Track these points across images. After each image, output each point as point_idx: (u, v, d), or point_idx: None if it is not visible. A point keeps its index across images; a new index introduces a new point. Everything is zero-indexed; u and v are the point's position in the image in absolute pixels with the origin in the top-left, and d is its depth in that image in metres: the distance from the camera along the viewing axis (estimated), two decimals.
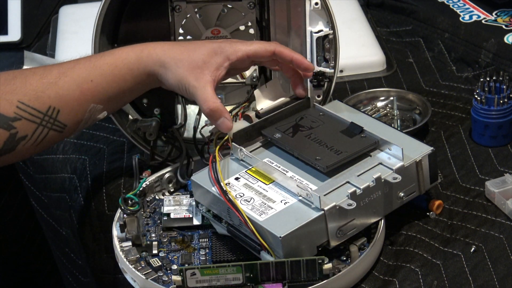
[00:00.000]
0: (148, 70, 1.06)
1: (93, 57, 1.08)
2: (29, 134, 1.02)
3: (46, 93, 1.03)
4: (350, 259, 1.01)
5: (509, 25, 1.41)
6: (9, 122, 1.01)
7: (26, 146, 1.03)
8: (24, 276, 1.61)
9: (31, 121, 1.02)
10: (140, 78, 1.07)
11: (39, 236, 1.49)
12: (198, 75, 1.05)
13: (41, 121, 1.03)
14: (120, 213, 1.07)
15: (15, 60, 1.48)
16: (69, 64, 1.06)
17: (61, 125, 1.04)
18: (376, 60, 1.40)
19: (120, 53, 1.07)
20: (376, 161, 1.04)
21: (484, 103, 1.17)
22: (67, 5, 1.61)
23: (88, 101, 1.05)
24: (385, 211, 1.03)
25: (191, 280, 0.97)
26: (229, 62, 1.06)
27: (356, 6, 1.53)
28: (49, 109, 1.03)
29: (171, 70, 1.06)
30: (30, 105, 1.02)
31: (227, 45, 1.07)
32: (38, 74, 1.04)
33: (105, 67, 1.06)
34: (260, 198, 1.01)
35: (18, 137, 1.01)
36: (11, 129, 1.01)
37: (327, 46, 1.14)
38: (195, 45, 1.08)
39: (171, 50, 1.07)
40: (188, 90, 1.05)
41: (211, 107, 1.04)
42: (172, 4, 1.18)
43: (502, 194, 1.08)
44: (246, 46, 1.07)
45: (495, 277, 0.99)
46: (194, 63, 1.05)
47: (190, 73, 1.05)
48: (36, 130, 1.03)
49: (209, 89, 1.04)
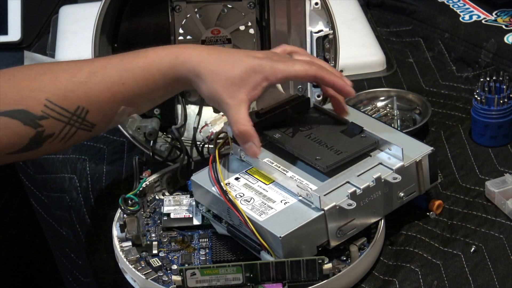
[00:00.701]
0: (182, 78, 1.03)
1: (125, 58, 1.04)
2: (56, 132, 1.01)
3: (75, 93, 1.00)
4: (350, 259, 1.01)
5: (509, 25, 1.41)
6: (36, 121, 0.99)
7: (53, 143, 1.01)
8: (24, 276, 1.61)
9: (58, 120, 1.00)
10: (172, 84, 1.04)
11: (39, 236, 1.49)
12: (233, 92, 1.01)
13: (69, 120, 1.01)
14: (120, 213, 1.07)
15: (15, 60, 1.48)
16: (100, 63, 1.03)
17: (90, 124, 1.02)
18: (376, 60, 1.40)
19: (153, 57, 1.03)
20: (376, 161, 1.04)
21: (484, 103, 1.17)
22: (67, 5, 1.61)
23: (118, 103, 1.03)
24: (385, 211, 1.03)
25: (191, 280, 0.97)
26: (267, 83, 1.02)
27: (356, 6, 1.53)
28: (77, 109, 1.01)
29: (206, 82, 1.02)
30: (58, 104, 1.00)
31: (267, 64, 1.02)
32: (68, 71, 1.02)
33: (137, 71, 1.03)
34: (260, 198, 1.01)
35: (44, 135, 1.00)
36: (38, 127, 0.99)
37: (327, 46, 1.14)
38: (233, 58, 1.02)
39: (208, 61, 1.02)
40: (221, 106, 1.02)
41: (241, 129, 1.01)
42: (172, 4, 1.18)
43: (502, 194, 1.08)
44: (287, 67, 1.02)
45: (495, 277, 0.99)
46: (231, 79, 1.01)
47: (225, 89, 1.01)
48: (63, 129, 1.01)
49: (242, 110, 1.00)
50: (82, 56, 1.09)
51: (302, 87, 1.19)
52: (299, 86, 1.19)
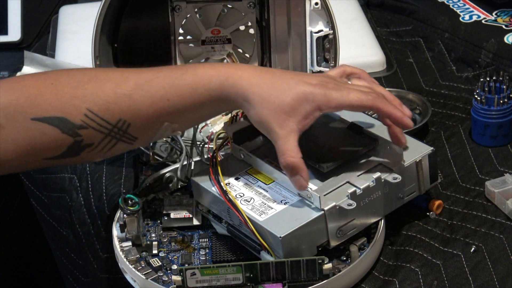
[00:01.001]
0: (231, 100, 0.98)
1: (173, 73, 0.99)
2: (96, 143, 0.98)
3: (118, 105, 0.97)
4: (350, 259, 1.01)
5: (509, 25, 1.41)
6: (75, 130, 0.96)
7: (92, 153, 0.98)
8: (24, 276, 1.61)
9: (98, 131, 0.97)
10: (219, 105, 0.99)
11: (39, 236, 1.49)
12: (283, 122, 0.96)
13: (110, 132, 0.97)
14: (120, 213, 1.07)
15: (15, 60, 1.48)
16: (148, 76, 0.99)
17: (131, 137, 0.99)
18: (376, 60, 1.40)
19: (202, 75, 0.98)
20: (376, 161, 1.04)
21: (484, 103, 1.17)
22: (67, 5, 1.61)
23: (161, 119, 0.99)
24: (385, 211, 1.03)
25: (191, 280, 0.97)
26: (319, 112, 0.97)
27: (356, 6, 1.53)
28: (119, 122, 0.97)
29: (254, 108, 0.97)
30: (99, 115, 0.96)
31: (320, 93, 0.96)
32: (113, 81, 0.98)
33: (184, 89, 0.98)
34: (260, 198, 1.01)
35: (83, 144, 0.97)
36: (76, 136, 0.96)
37: (327, 46, 1.14)
38: (285, 84, 0.97)
39: (258, 86, 0.97)
40: (269, 134, 0.98)
41: (289, 162, 0.97)
42: (172, 4, 1.18)
43: (502, 194, 1.08)
44: (342, 96, 0.97)
45: (495, 277, 0.99)
46: (281, 107, 0.96)
47: (275, 117, 0.96)
48: (103, 140, 0.98)
49: (291, 140, 0.96)
50: (82, 56, 1.09)
51: None
52: None
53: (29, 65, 1.39)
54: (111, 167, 1.25)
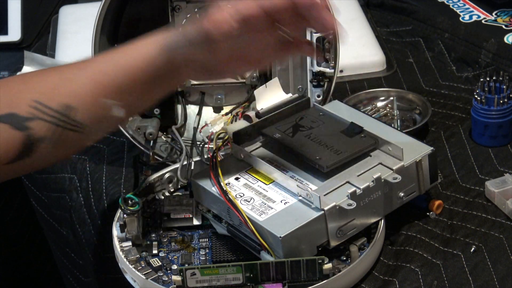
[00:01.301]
0: (171, 63, 0.98)
1: (114, 50, 1.00)
2: (47, 136, 0.96)
3: (61, 90, 0.96)
4: (350, 259, 1.01)
5: (509, 25, 1.41)
6: (23, 123, 0.94)
7: (45, 149, 0.96)
8: (24, 276, 1.61)
9: (46, 121, 0.95)
10: (159, 73, 0.98)
11: (39, 236, 1.49)
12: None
13: (58, 121, 0.96)
14: (120, 213, 1.07)
15: (15, 60, 1.48)
16: (90, 59, 1.01)
17: (79, 124, 0.97)
18: (376, 60, 1.40)
19: (137, 44, 0.99)
20: (376, 161, 1.04)
21: (484, 103, 1.17)
22: (67, 5, 1.61)
23: (101, 95, 0.97)
24: (385, 211, 1.03)
25: (191, 280, 0.97)
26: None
27: (356, 6, 1.53)
28: (65, 108, 0.96)
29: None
30: (45, 103, 0.95)
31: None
32: (58, 70, 0.99)
33: (120, 60, 0.98)
34: (260, 198, 1.01)
35: (34, 138, 0.95)
36: (26, 129, 0.95)
37: (327, 46, 1.14)
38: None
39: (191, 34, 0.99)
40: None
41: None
42: (172, 4, 1.18)
43: (502, 194, 1.08)
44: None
45: (495, 277, 0.99)
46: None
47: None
48: (54, 132, 0.96)
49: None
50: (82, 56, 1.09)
51: (302, 87, 1.19)
52: (299, 86, 1.19)
53: (29, 65, 1.39)
54: (111, 167, 1.25)
